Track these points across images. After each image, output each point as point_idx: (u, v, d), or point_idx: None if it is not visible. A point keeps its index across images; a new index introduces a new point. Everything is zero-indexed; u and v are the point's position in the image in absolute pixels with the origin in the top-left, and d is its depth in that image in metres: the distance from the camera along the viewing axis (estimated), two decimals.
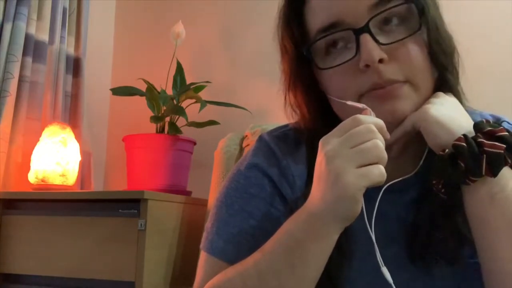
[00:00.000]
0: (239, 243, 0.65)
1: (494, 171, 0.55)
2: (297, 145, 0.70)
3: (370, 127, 0.54)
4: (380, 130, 0.55)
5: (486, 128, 0.57)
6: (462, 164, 0.55)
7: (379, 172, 0.53)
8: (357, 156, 0.52)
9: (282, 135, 0.73)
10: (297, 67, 0.67)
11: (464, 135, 0.56)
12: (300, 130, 0.71)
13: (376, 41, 0.58)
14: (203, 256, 0.69)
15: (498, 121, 0.68)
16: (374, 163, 0.53)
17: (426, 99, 0.62)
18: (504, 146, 0.55)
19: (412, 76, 0.60)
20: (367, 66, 0.58)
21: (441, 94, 0.62)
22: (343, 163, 0.52)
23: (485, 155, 0.54)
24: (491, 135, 0.56)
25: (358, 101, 0.60)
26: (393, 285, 0.55)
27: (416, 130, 0.60)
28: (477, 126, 0.57)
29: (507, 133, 0.56)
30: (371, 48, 0.57)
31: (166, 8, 2.06)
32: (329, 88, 0.64)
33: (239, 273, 0.60)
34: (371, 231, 0.57)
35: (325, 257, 0.56)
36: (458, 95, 0.65)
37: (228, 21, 1.96)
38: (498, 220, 0.55)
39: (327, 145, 0.55)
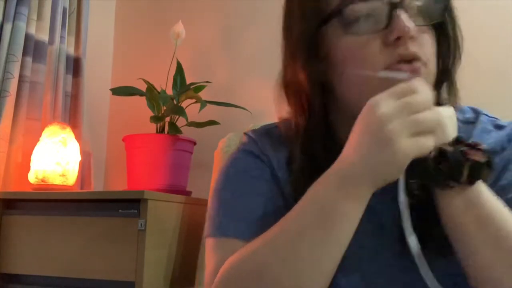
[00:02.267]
0: (251, 221, 0.64)
1: (473, 180, 0.56)
2: (279, 140, 0.71)
3: (429, 96, 0.54)
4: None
5: (468, 141, 0.58)
6: (445, 169, 0.55)
7: (431, 144, 0.53)
8: (414, 125, 0.52)
9: (265, 131, 0.75)
10: (312, 35, 0.64)
11: (452, 141, 0.57)
12: (283, 127, 0.72)
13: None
14: (211, 243, 0.67)
15: (477, 113, 0.69)
16: (428, 134, 0.53)
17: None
18: (487, 157, 0.56)
19: (427, 60, 0.61)
20: (398, 38, 0.59)
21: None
22: (398, 129, 0.51)
23: (468, 163, 0.55)
24: (474, 147, 0.57)
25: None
26: (417, 254, 0.55)
27: None
28: (459, 139, 0.58)
29: (487, 147, 0.57)
30: (407, 21, 0.58)
31: (166, 8, 2.05)
32: (350, 58, 0.62)
33: (265, 243, 0.58)
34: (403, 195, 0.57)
35: (356, 221, 0.55)
36: (455, 92, 0.66)
37: (228, 21, 1.96)
38: (472, 226, 0.56)
39: (382, 107, 0.53)
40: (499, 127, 0.69)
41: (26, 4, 1.64)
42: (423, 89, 0.54)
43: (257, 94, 1.80)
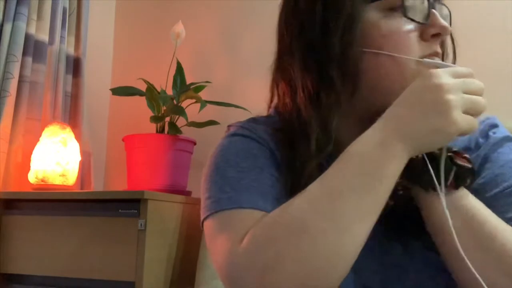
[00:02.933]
0: (264, 192, 0.60)
1: (458, 184, 0.58)
2: (265, 126, 0.70)
3: (482, 85, 0.57)
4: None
5: (454, 148, 0.60)
6: (432, 171, 0.56)
7: (476, 125, 0.55)
8: (469, 103, 0.54)
9: (251, 120, 0.75)
10: (358, 12, 0.63)
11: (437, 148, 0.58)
12: (261, 119, 0.73)
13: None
14: (218, 220, 0.60)
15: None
16: (476, 117, 0.55)
17: None
18: (471, 165, 0.58)
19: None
20: (437, 35, 0.62)
21: None
22: (457, 101, 0.54)
23: (455, 167, 0.57)
24: (460, 155, 0.59)
25: None
26: (446, 210, 0.55)
27: None
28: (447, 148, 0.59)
29: (470, 157, 0.60)
30: (443, 21, 0.62)
31: (166, 8, 2.05)
32: (391, 39, 0.62)
33: (305, 199, 0.55)
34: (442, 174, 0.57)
35: (393, 184, 0.55)
36: None
37: (228, 21, 1.96)
38: (457, 230, 0.56)
39: (443, 78, 0.55)
40: (493, 126, 0.69)
41: (26, 4, 1.64)
42: (476, 80, 0.57)
43: (257, 94, 1.79)
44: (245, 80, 1.88)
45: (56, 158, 1.57)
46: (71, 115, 1.85)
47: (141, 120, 1.74)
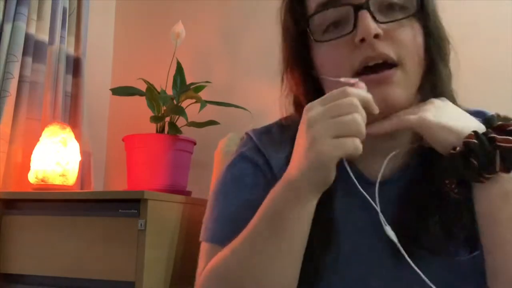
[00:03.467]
0: (238, 228, 0.65)
1: (509, 167, 0.54)
2: (279, 137, 0.73)
3: (353, 100, 0.55)
4: (366, 105, 0.56)
5: (496, 123, 0.56)
6: (475, 162, 0.54)
7: (354, 145, 0.54)
8: (335, 127, 0.54)
9: (265, 130, 0.77)
10: (297, 45, 0.67)
11: (474, 131, 0.55)
12: (285, 124, 0.73)
13: (374, 18, 0.60)
14: (203, 247, 0.70)
15: (483, 116, 0.68)
16: (351, 136, 0.54)
17: (414, 89, 0.63)
18: None
19: (403, 58, 0.61)
20: (363, 40, 0.60)
21: (433, 100, 0.63)
22: (320, 130, 0.54)
23: (498, 151, 0.53)
24: (503, 130, 0.55)
25: None
26: (397, 243, 0.56)
27: (419, 135, 0.61)
28: (488, 121, 0.57)
29: None
30: (369, 22, 0.59)
31: (166, 8, 2.05)
32: (324, 65, 0.65)
33: (232, 250, 0.61)
34: (376, 203, 0.58)
35: (305, 225, 0.57)
36: (449, 86, 0.66)
37: (228, 21, 1.96)
38: (510, 219, 0.54)
39: (310, 111, 0.56)
40: None
41: (26, 4, 1.64)
42: (352, 93, 0.55)
43: (257, 94, 1.80)
44: (245, 80, 1.88)
45: (56, 158, 1.57)
46: (71, 115, 1.85)
47: (141, 120, 1.74)
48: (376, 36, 0.59)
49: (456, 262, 0.62)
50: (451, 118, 0.59)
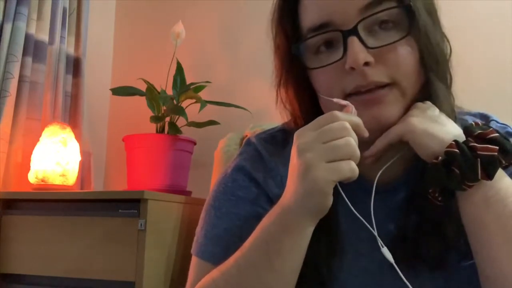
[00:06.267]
0: (227, 245, 0.65)
1: (489, 174, 0.54)
2: (284, 145, 0.71)
3: (344, 124, 0.54)
4: (356, 128, 0.56)
5: (476, 132, 0.56)
6: (457, 170, 0.54)
7: (349, 168, 0.53)
8: (328, 152, 0.53)
9: (270, 137, 0.74)
10: (289, 63, 0.66)
11: (455, 140, 0.56)
12: (289, 130, 0.71)
13: (364, 44, 0.58)
14: (193, 260, 0.70)
15: (487, 120, 0.67)
16: (345, 159, 0.53)
17: (410, 103, 0.61)
18: (497, 148, 0.54)
19: (399, 80, 0.59)
20: (352, 68, 0.58)
21: (419, 104, 0.62)
22: (313, 157, 0.53)
23: (479, 159, 0.54)
24: (483, 138, 0.56)
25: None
26: (394, 263, 0.55)
27: (404, 141, 0.60)
28: (467, 130, 0.57)
29: (497, 135, 0.56)
30: (357, 51, 0.57)
31: (166, 8, 2.05)
32: (318, 86, 0.64)
33: (222, 272, 0.61)
34: (372, 219, 0.58)
35: (301, 251, 0.57)
36: (446, 101, 0.63)
37: (228, 21, 1.96)
38: (493, 224, 0.55)
39: (301, 137, 0.55)
40: (510, 134, 0.66)
41: (26, 4, 1.64)
42: (342, 117, 0.55)
43: (257, 94, 1.80)
44: (245, 80, 1.88)
45: (56, 158, 1.57)
46: (71, 115, 1.85)
47: (141, 120, 1.74)
48: (367, 63, 0.58)
49: (455, 270, 0.62)
50: (435, 124, 0.59)
